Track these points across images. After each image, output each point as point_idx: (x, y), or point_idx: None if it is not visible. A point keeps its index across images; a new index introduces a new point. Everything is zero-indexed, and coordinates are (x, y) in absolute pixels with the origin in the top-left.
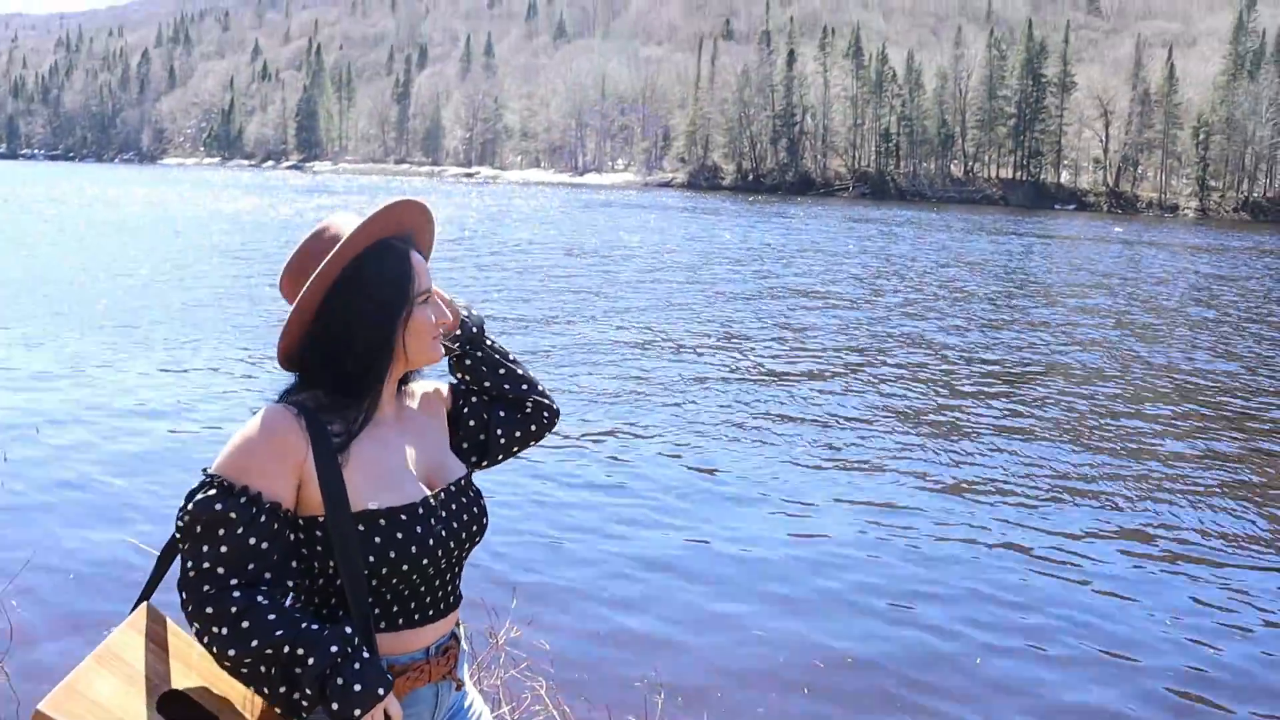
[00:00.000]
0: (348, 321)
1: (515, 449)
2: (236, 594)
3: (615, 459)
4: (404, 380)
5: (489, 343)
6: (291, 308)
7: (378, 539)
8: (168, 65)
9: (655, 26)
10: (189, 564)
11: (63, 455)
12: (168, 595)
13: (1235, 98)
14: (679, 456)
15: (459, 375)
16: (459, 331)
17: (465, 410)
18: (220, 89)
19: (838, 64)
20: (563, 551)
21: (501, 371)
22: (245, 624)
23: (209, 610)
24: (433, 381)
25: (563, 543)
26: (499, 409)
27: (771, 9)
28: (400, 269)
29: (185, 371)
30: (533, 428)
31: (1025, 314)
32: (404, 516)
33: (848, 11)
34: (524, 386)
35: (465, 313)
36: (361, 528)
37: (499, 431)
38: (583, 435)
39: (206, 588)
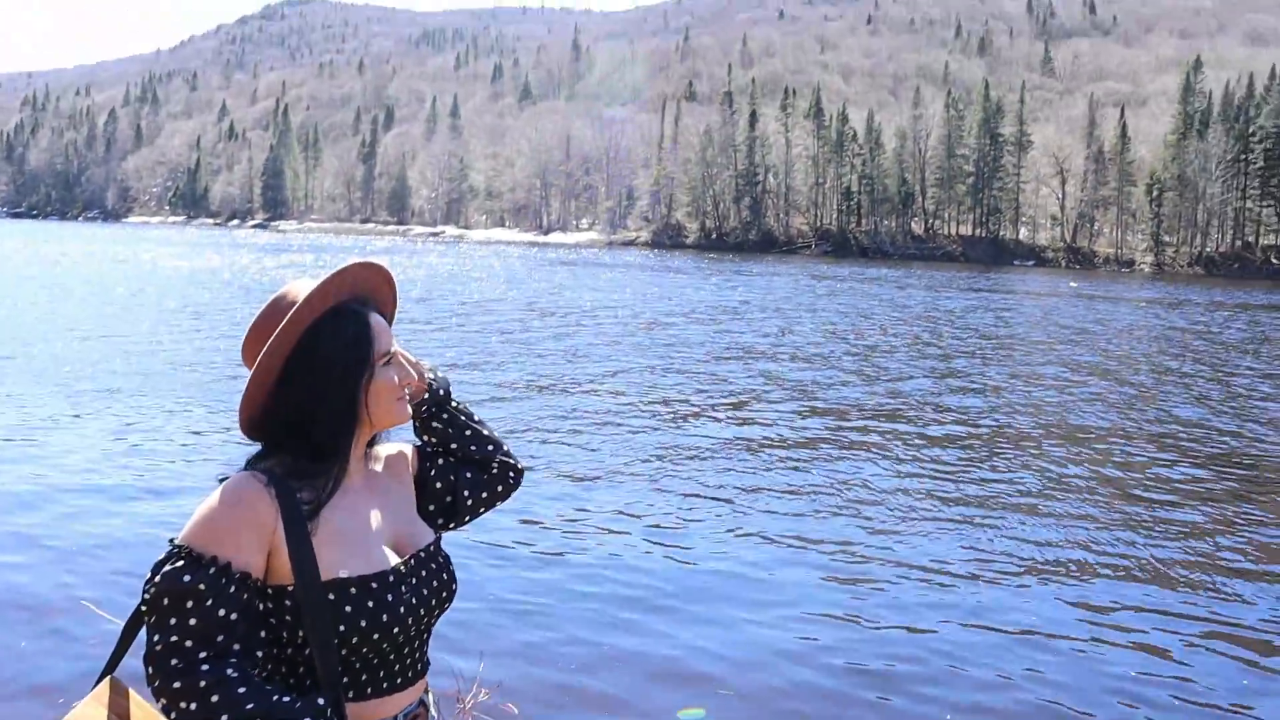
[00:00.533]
0: (309, 388)
1: (482, 510)
2: (205, 667)
3: (574, 522)
4: (371, 443)
5: (455, 404)
6: (249, 375)
7: (348, 608)
8: (134, 124)
9: (619, 88)
10: (156, 638)
11: (14, 522)
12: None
13: (1186, 156)
14: (638, 518)
15: (425, 437)
16: (426, 394)
17: (432, 473)
18: (187, 148)
19: (799, 124)
20: (527, 616)
21: (468, 433)
22: (215, 698)
23: (177, 685)
24: (398, 444)
25: (527, 607)
26: (465, 471)
27: (734, 71)
28: (358, 332)
29: (144, 436)
30: (499, 488)
31: (987, 372)
32: (374, 585)
33: (808, 73)
34: (490, 447)
35: (431, 375)
36: (332, 596)
37: (466, 493)
38: (543, 499)
39: (174, 662)
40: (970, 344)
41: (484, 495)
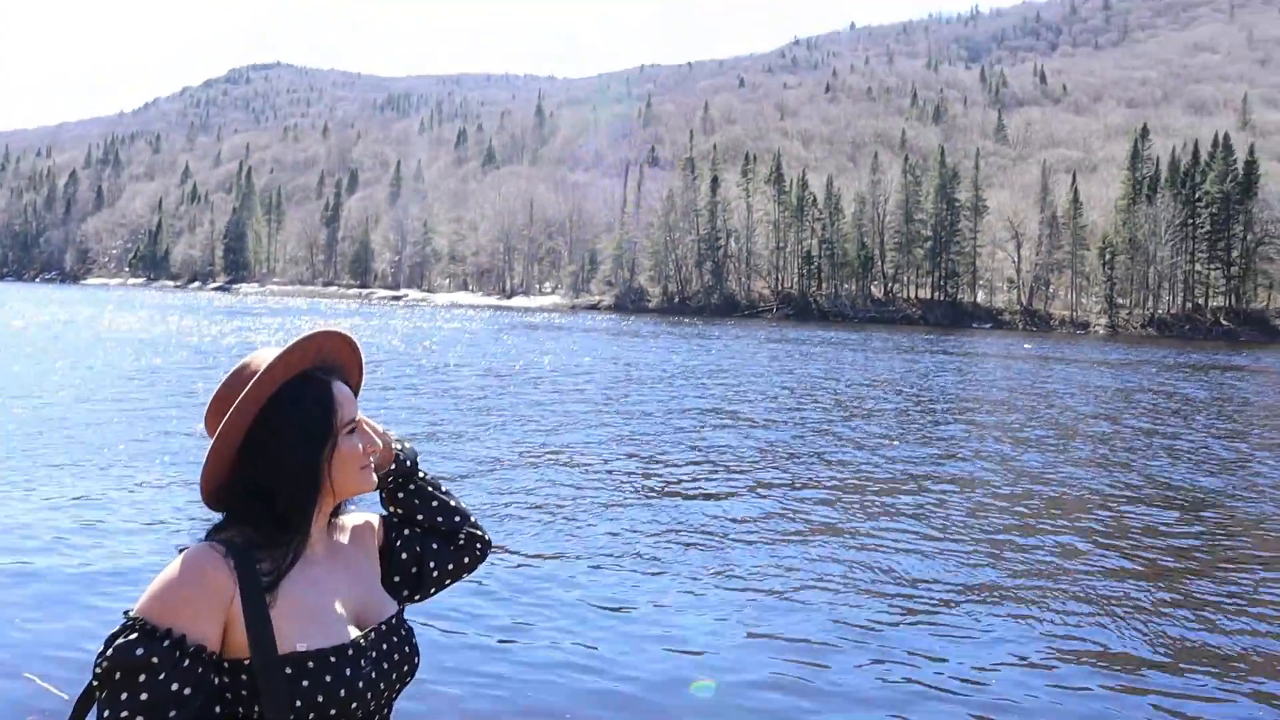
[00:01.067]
0: (272, 458)
1: (448, 581)
2: None
3: (524, 593)
4: (335, 512)
5: (421, 475)
6: (210, 445)
7: (305, 682)
8: (95, 186)
9: (582, 153)
10: (106, 714)
11: None
12: None
13: (1136, 220)
14: (584, 588)
15: (392, 508)
16: (392, 464)
17: (398, 543)
18: (148, 210)
19: (760, 189)
20: (479, 688)
21: (434, 504)
22: None
23: None
24: (364, 514)
25: (479, 679)
26: (432, 542)
27: (695, 137)
28: (320, 401)
29: (97, 508)
30: (465, 560)
31: (942, 431)
32: (333, 659)
33: (768, 139)
34: (457, 518)
35: (398, 446)
36: (289, 670)
37: (432, 565)
38: (501, 574)
39: None
40: (935, 406)
41: (450, 567)
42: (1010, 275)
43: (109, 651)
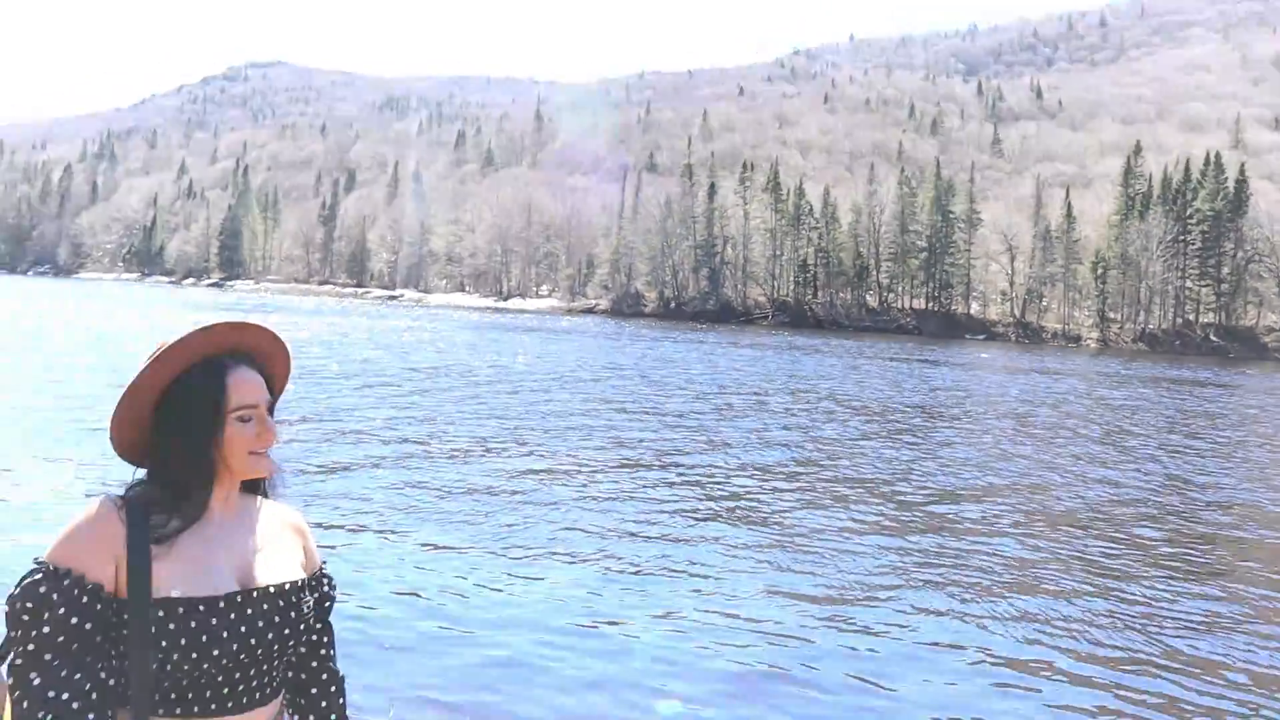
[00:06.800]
0: (166, 435)
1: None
2: (51, 680)
3: (481, 607)
4: (255, 488)
5: None
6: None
7: (172, 626)
8: (90, 180)
9: (581, 158)
10: (18, 648)
11: None
12: None
13: (1128, 236)
14: (567, 603)
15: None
16: None
17: None
18: (143, 205)
19: (757, 197)
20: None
21: None
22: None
23: (23, 695)
24: (297, 514)
25: (441, 697)
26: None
27: (694, 144)
28: (212, 385)
29: (45, 477)
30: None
31: (931, 440)
32: (202, 607)
33: (766, 148)
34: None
35: None
36: (161, 614)
37: None
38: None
39: (32, 675)
40: (914, 414)
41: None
42: (1004, 288)
43: (17, 591)
